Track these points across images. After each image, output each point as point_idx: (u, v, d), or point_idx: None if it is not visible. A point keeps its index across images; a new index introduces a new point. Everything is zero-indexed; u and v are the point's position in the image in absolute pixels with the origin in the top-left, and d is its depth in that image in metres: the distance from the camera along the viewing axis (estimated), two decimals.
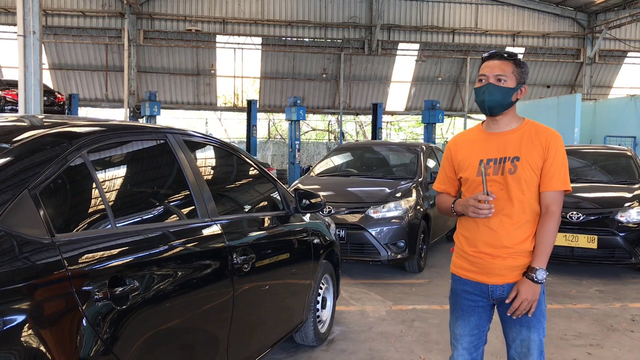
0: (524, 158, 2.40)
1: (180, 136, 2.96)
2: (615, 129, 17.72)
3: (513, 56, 2.44)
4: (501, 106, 2.42)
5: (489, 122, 2.52)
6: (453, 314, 2.62)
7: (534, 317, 2.43)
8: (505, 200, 2.40)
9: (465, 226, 2.55)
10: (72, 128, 2.34)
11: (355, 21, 24.55)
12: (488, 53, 2.49)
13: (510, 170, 2.40)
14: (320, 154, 25.99)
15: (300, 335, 4.14)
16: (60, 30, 23.50)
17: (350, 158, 8.55)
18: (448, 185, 2.65)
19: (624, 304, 5.66)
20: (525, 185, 2.40)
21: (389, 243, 6.32)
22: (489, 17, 25.52)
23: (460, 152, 2.56)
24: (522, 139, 2.44)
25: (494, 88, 2.39)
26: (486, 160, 2.44)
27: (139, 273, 2.21)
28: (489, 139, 2.49)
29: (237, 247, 2.93)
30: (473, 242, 2.49)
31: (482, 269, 2.47)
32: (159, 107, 19.28)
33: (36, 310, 1.77)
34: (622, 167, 7.86)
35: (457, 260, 2.59)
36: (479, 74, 2.48)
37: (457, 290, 2.58)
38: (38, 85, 9.21)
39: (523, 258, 2.42)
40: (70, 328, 1.87)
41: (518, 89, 2.43)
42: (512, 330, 2.48)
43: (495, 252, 2.43)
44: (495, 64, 2.42)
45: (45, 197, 1.99)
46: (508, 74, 2.40)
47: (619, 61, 27.37)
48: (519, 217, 2.41)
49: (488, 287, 2.47)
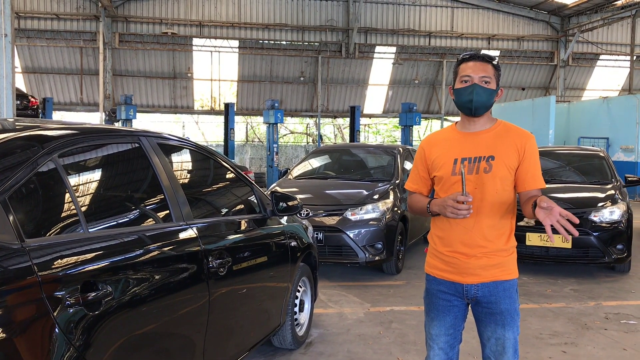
0: (499, 157, 2.42)
1: (155, 139, 2.93)
2: (588, 130, 18.02)
3: (493, 59, 2.47)
4: (485, 107, 2.45)
5: (465, 122, 2.53)
6: (428, 314, 2.62)
7: (507, 314, 2.45)
8: (479, 200, 2.42)
9: (439, 226, 2.55)
10: (43, 131, 2.30)
11: (332, 24, 24.61)
12: (468, 54, 2.50)
13: (485, 169, 2.42)
14: (298, 157, 25.97)
15: (278, 339, 4.12)
16: (34, 33, 23.17)
17: (328, 160, 8.56)
18: (421, 184, 2.64)
19: (597, 303, 5.74)
20: (500, 184, 2.42)
21: (366, 245, 6.33)
22: (465, 21, 25.79)
23: (434, 151, 2.56)
24: (496, 138, 2.47)
25: (480, 89, 2.42)
26: (460, 159, 2.45)
27: (112, 278, 2.18)
28: (463, 139, 2.51)
29: (213, 250, 2.91)
30: (448, 242, 2.50)
31: (457, 269, 2.48)
32: (135, 110, 19.09)
33: (6, 317, 1.74)
34: (596, 167, 7.99)
35: (432, 261, 2.60)
36: (462, 75, 2.46)
37: (432, 290, 2.59)
38: (10, 89, 9.05)
39: (498, 257, 2.45)
40: (42, 335, 1.84)
41: (498, 90, 2.48)
42: (487, 329, 2.50)
43: (470, 252, 2.44)
44: (478, 65, 2.44)
45: (15, 202, 1.96)
46: (491, 76, 2.44)
47: (592, 64, 27.85)
48: (493, 216, 2.44)
49: (463, 287, 2.49)
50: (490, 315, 2.48)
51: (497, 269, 2.45)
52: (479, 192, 2.42)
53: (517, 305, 2.50)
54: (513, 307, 2.47)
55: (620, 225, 6.64)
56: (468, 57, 2.49)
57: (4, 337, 1.71)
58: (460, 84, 2.46)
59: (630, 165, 16.40)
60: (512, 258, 2.51)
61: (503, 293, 2.46)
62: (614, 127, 17.54)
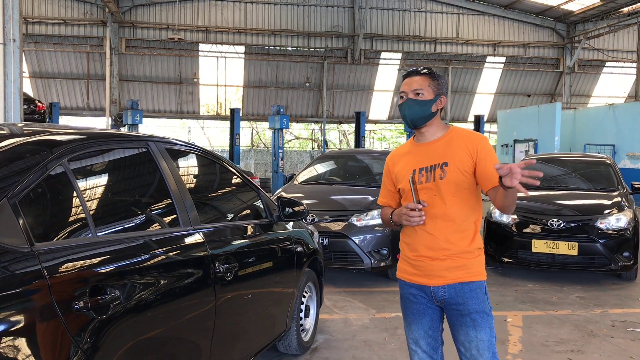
0: (451, 162, 2.50)
1: (162, 144, 2.95)
2: (594, 137, 18.00)
3: (429, 70, 2.58)
4: (422, 118, 2.54)
5: (417, 135, 2.64)
6: (406, 319, 2.67)
7: (477, 315, 2.48)
8: (439, 205, 2.50)
9: (406, 233, 2.63)
10: (52, 136, 2.32)
11: (338, 30, 24.67)
12: (406, 71, 2.64)
13: (440, 175, 2.50)
14: (303, 163, 26.00)
15: (284, 344, 4.12)
16: (41, 39, 23.32)
17: (334, 166, 8.56)
18: (389, 198, 2.75)
19: (604, 310, 5.72)
20: (455, 188, 2.49)
21: (372, 251, 6.33)
22: (470, 27, 25.81)
23: (397, 165, 2.68)
24: (448, 145, 2.55)
25: (412, 102, 2.53)
26: (418, 170, 2.55)
27: (120, 282, 2.19)
28: (418, 150, 2.61)
29: (220, 255, 2.92)
30: (414, 247, 2.57)
31: (423, 271, 2.54)
32: (141, 115, 19.15)
33: (15, 321, 1.75)
34: (602, 174, 7.97)
35: (402, 265, 2.67)
36: (400, 92, 2.62)
37: (405, 294, 2.65)
38: (18, 94, 9.10)
39: (461, 259, 2.50)
40: (51, 338, 1.85)
41: (437, 99, 2.55)
42: (460, 333, 2.52)
43: (434, 255, 2.51)
44: (413, 80, 2.55)
45: (25, 206, 1.97)
46: (425, 87, 2.53)
47: (598, 71, 27.82)
48: (454, 219, 2.50)
49: (430, 289, 2.54)
50: (460, 316, 2.50)
51: (461, 270, 2.50)
52: (439, 199, 2.50)
53: (486, 306, 2.52)
54: (481, 307, 2.50)
55: (627, 232, 6.62)
56: (406, 74, 2.62)
57: (14, 340, 1.72)
58: (400, 100, 2.61)
59: (636, 172, 16.35)
60: (478, 260, 2.55)
61: (470, 294, 2.49)
62: (620, 134, 17.51)
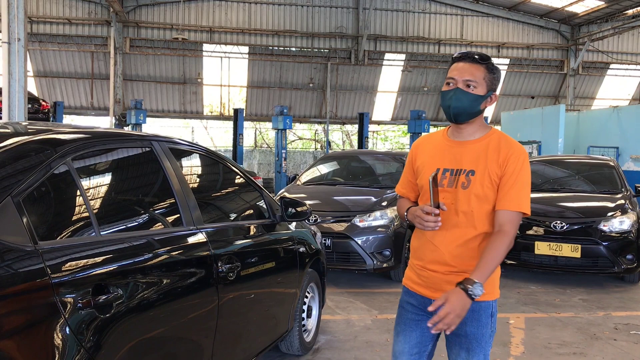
0: (479, 172, 2.19)
1: (166, 144, 2.95)
2: (598, 139, 17.94)
3: (486, 60, 2.21)
4: (467, 114, 2.21)
5: (453, 129, 2.32)
6: (395, 328, 2.43)
7: (473, 339, 2.24)
8: (452, 215, 2.22)
9: (416, 236, 2.38)
10: (56, 135, 2.32)
11: (342, 31, 24.67)
12: (459, 53, 2.25)
13: (463, 184, 2.21)
14: (306, 163, 25.99)
15: (286, 344, 4.12)
16: (46, 38, 23.37)
17: (337, 167, 8.56)
18: (408, 189, 2.46)
19: (607, 313, 5.71)
20: (475, 202, 2.19)
21: (374, 252, 6.33)
22: (475, 28, 25.78)
23: (420, 157, 2.38)
24: (482, 151, 2.23)
25: (461, 94, 2.18)
26: (442, 170, 2.25)
27: (123, 281, 2.20)
28: (449, 148, 2.30)
29: (222, 255, 2.92)
30: (420, 255, 2.34)
31: (427, 282, 2.31)
32: (145, 115, 19.19)
33: (18, 319, 1.75)
34: (605, 177, 7.95)
35: (408, 272, 2.44)
36: (447, 76, 2.25)
37: (403, 302, 2.42)
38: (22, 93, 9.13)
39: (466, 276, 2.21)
40: (53, 337, 1.85)
41: (488, 96, 2.22)
42: (452, 351, 2.32)
43: (439, 269, 2.26)
44: (466, 67, 2.20)
45: (29, 204, 1.97)
46: (479, 79, 2.19)
47: (602, 73, 27.75)
48: (464, 234, 2.22)
49: (432, 302, 2.21)
50: (456, 336, 2.26)
51: None
52: (453, 207, 2.21)
53: (486, 330, 2.25)
54: (480, 332, 2.24)
55: (630, 235, 6.60)
56: (459, 57, 2.24)
57: (17, 337, 1.73)
58: (445, 86, 2.25)
59: None
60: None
61: (470, 315, 2.19)
62: (624, 137, 17.45)
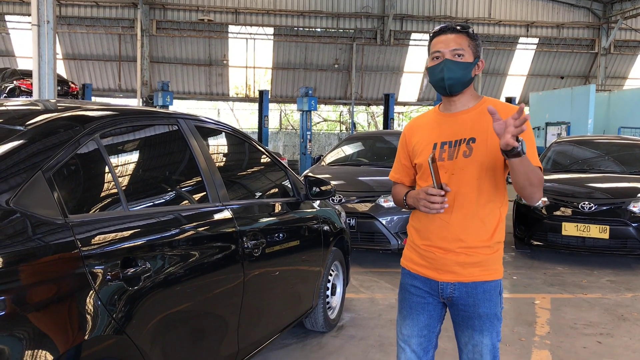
0: (480, 139, 2.15)
1: (193, 122, 2.98)
2: (630, 120, 17.56)
3: (466, 28, 2.22)
4: (461, 84, 2.19)
5: (446, 103, 2.29)
6: (401, 311, 2.41)
7: (486, 319, 2.21)
8: (456, 188, 2.16)
9: (417, 217, 2.31)
10: (85, 112, 2.37)
11: (367, 11, 24.46)
12: (438, 27, 2.25)
13: (465, 153, 2.16)
14: (331, 145, 25.97)
15: (310, 321, 4.17)
16: (74, 20, 23.65)
17: (361, 147, 8.55)
18: (403, 174, 2.43)
19: (635, 294, 5.64)
20: (482, 170, 2.16)
21: (399, 232, 6.32)
22: (503, 7, 25.33)
23: (415, 136, 2.34)
24: (479, 118, 2.19)
25: (452, 64, 2.16)
26: (440, 144, 2.22)
27: (151, 255, 2.25)
28: (444, 121, 2.27)
29: (248, 232, 2.95)
30: (425, 235, 2.26)
31: (433, 264, 2.25)
32: (172, 97, 19.38)
33: (50, 289, 1.81)
34: (636, 158, 7.80)
35: (408, 253, 2.38)
36: (432, 52, 2.22)
37: (406, 285, 2.38)
38: (52, 75, 9.29)
39: (478, 254, 2.18)
40: (84, 307, 1.90)
41: (475, 63, 2.21)
42: (464, 334, 2.27)
43: (449, 246, 2.19)
44: (450, 38, 2.18)
45: (59, 179, 2.02)
46: (465, 47, 2.17)
47: (635, 52, 27.09)
48: (475, 206, 2.17)
49: (438, 284, 2.25)
50: (467, 319, 2.23)
51: (477, 267, 2.19)
52: (456, 179, 2.16)
53: (498, 309, 2.24)
54: (493, 311, 2.22)
55: None
56: (438, 31, 2.23)
57: (48, 308, 1.78)
58: (432, 61, 2.22)
59: None
60: (496, 256, 2.22)
61: (483, 295, 2.19)
62: None
